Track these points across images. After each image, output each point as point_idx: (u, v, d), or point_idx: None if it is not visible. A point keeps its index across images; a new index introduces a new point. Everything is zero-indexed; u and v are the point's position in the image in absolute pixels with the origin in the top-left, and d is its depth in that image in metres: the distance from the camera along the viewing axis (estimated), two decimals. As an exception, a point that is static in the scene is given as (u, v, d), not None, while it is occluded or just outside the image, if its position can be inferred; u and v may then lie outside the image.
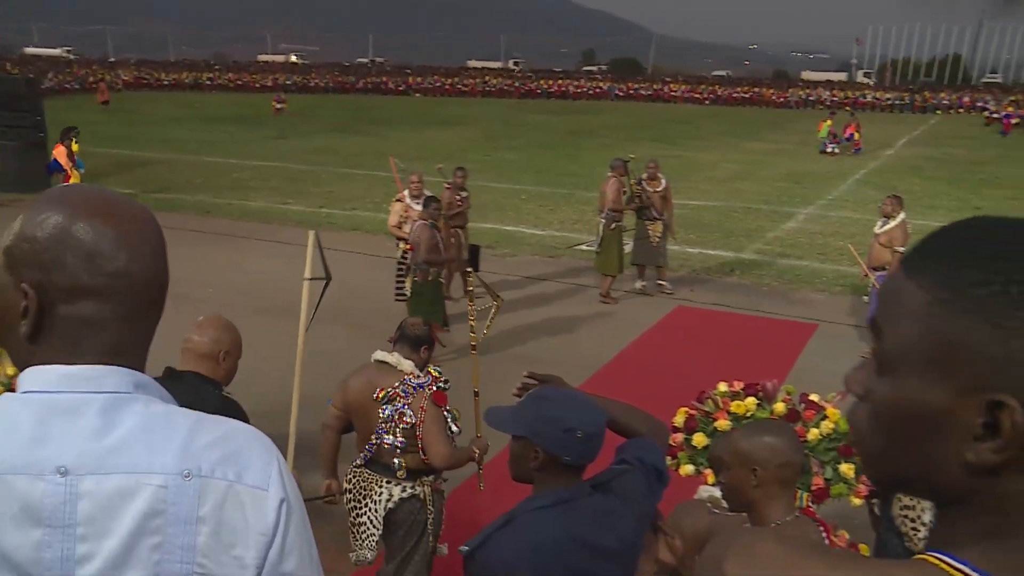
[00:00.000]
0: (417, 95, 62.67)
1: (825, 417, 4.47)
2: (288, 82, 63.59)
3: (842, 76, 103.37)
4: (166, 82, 62.76)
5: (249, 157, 23.63)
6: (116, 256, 1.14)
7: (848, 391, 0.89)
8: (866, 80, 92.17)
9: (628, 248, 11.17)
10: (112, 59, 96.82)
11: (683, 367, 8.44)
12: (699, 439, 4.52)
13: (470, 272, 6.45)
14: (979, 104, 55.49)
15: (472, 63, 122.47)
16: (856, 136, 30.64)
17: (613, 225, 10.59)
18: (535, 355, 8.86)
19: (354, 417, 4.23)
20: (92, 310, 1.14)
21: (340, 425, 4.33)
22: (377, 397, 4.05)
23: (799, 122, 42.58)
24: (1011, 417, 0.73)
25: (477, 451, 4.29)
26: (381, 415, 4.04)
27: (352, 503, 4.21)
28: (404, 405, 4.02)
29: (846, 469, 4.31)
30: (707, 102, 62.57)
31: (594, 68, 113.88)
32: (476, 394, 4.54)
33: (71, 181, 15.74)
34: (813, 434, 4.40)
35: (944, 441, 0.78)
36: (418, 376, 4.11)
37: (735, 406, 4.57)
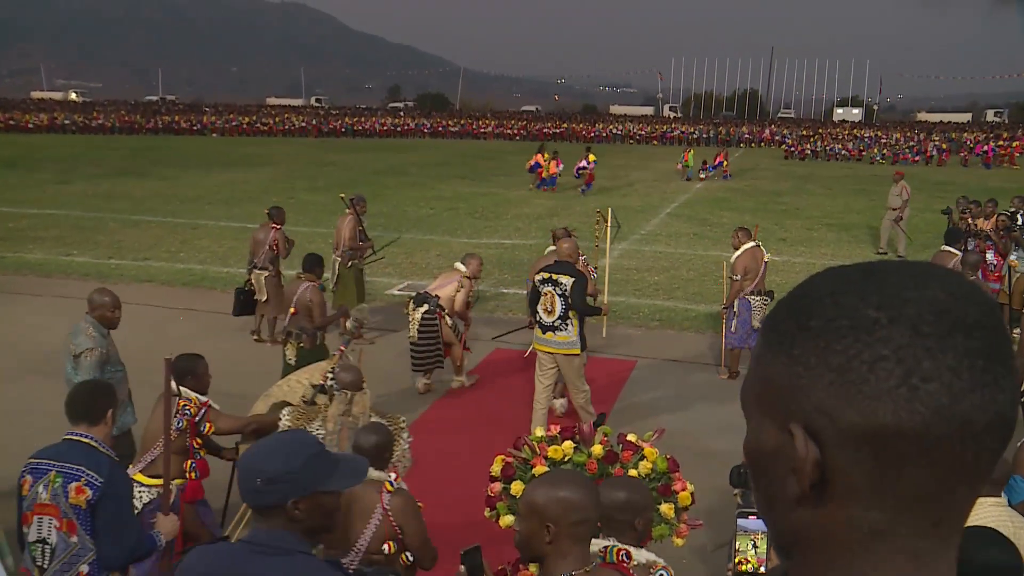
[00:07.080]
0: (213, 135, 58.32)
1: (643, 458, 4.39)
2: (67, 122, 57.75)
3: (648, 110, 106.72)
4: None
5: (26, 204, 21.73)
6: None
7: None
8: (672, 114, 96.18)
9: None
10: None
11: (501, 411, 8.39)
12: (517, 487, 4.34)
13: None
14: (777, 138, 58.39)
15: (272, 100, 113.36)
16: (725, 164, 33.50)
17: (350, 263, 10.86)
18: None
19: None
20: None
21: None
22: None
23: (609, 156, 43.80)
24: (795, 444, 0.75)
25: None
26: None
27: None
28: None
29: (666, 509, 4.21)
30: (517, 137, 60.93)
31: (400, 104, 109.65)
32: None
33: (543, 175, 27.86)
34: (632, 475, 4.29)
35: (779, 480, 0.79)
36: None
37: (552, 451, 4.43)
